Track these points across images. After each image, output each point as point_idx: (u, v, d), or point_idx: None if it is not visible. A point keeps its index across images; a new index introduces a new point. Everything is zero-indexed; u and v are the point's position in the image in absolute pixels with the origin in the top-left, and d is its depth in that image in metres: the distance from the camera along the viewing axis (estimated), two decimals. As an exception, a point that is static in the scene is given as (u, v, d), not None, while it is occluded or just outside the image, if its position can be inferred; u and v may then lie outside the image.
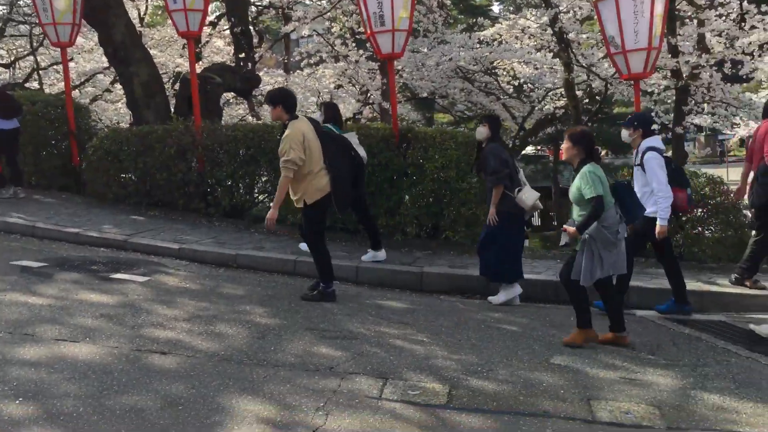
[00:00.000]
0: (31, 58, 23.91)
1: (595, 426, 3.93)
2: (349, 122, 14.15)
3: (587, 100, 17.01)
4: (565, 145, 5.41)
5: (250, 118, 19.86)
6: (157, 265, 7.06)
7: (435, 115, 27.47)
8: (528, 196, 6.28)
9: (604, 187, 5.17)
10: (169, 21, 10.11)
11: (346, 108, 20.97)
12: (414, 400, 4.12)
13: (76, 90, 26.81)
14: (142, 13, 22.41)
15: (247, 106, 20.20)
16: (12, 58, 26.08)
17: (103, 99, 24.22)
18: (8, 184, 9.52)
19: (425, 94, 19.43)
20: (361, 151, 6.99)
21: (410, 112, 26.15)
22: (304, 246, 6.71)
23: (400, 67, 17.42)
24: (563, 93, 15.79)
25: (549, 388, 4.42)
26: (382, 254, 7.40)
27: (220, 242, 7.73)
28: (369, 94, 19.89)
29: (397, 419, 3.86)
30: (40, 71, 23.62)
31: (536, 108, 17.69)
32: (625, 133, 6.44)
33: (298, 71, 21.97)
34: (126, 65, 10.59)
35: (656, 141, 6.36)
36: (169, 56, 19.26)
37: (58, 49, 11.20)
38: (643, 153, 6.17)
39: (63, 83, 10.77)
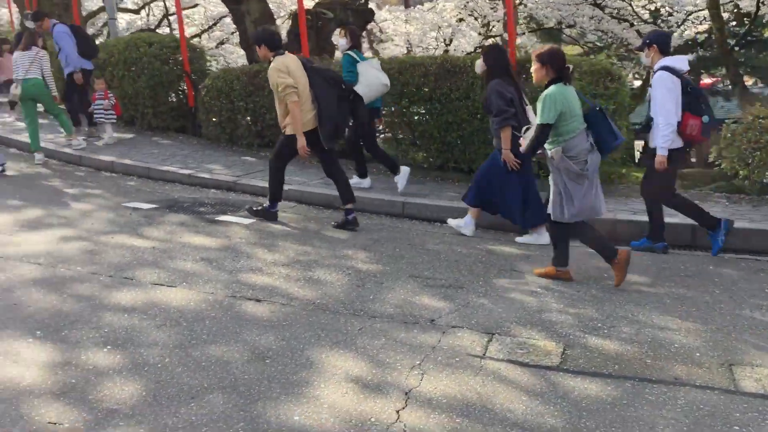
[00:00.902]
0: (161, 3, 24.63)
1: (736, 397, 3.33)
2: (470, 55, 13.44)
3: (734, 23, 15.26)
4: (533, 67, 4.89)
5: (370, 54, 19.51)
6: (264, 207, 6.91)
7: (562, 47, 25.96)
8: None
9: (568, 111, 4.68)
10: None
11: (468, 42, 20.13)
12: (522, 359, 3.67)
13: (205, 33, 27.49)
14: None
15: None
16: (141, 4, 26.98)
17: (230, 42, 24.67)
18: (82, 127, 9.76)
19: (551, 24, 18.19)
20: (384, 78, 6.92)
21: (536, 44, 24.81)
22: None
23: (524, -5, 16.36)
24: (706, 16, 14.21)
25: (681, 350, 3.82)
26: (366, 182, 7.36)
27: (327, 183, 7.46)
28: (491, 27, 18.94)
29: (501, 381, 3.43)
30: (170, 16, 24.28)
31: (675, 34, 16.08)
32: (642, 57, 5.70)
33: (418, 6, 21.30)
34: (238, 3, 10.42)
35: (674, 60, 5.52)
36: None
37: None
38: (654, 73, 5.44)
39: (193, 28, 10.78)
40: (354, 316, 4.21)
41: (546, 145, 4.84)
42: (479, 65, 6.01)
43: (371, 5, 16.81)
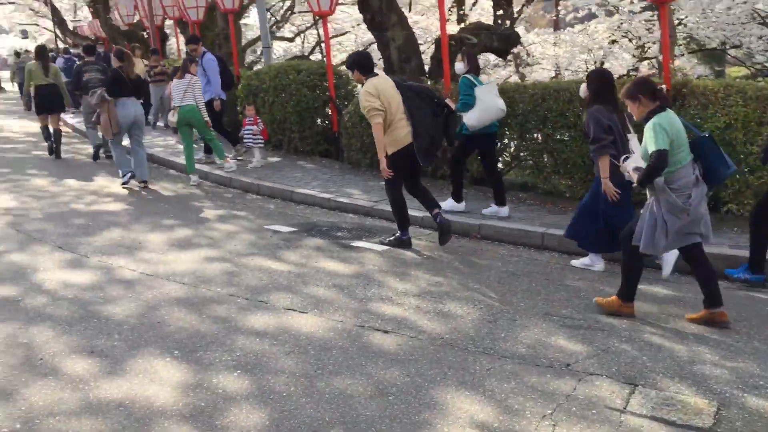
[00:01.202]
0: (315, 32, 25.66)
1: None
2: (622, 79, 12.88)
3: None
4: (629, 106, 4.59)
5: (515, 78, 19.22)
6: (400, 234, 6.87)
7: (727, 69, 24.25)
8: (633, 166, 4.77)
9: (676, 141, 4.35)
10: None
11: (621, 64, 19.31)
12: (669, 417, 3.33)
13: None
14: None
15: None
16: (297, 32, 28.27)
17: (378, 68, 25.29)
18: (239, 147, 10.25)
19: (714, 45, 17.05)
20: (501, 103, 6.87)
21: (696, 66, 23.36)
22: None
23: (684, 16, 15.46)
24: None
25: None
26: (504, 210, 7.13)
27: (465, 211, 7.32)
28: (646, 48, 18.05)
29: (642, 441, 3.12)
30: (322, 44, 25.23)
31: None
32: None
33: (568, 28, 20.74)
34: (383, 30, 10.58)
35: None
36: (432, 21, 19.27)
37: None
38: None
39: (343, 54, 11.10)
40: (483, 354, 4.03)
41: None
42: (583, 90, 5.74)
43: (519, 28, 16.58)
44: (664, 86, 4.59)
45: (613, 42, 18.12)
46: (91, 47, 11.73)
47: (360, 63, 6.26)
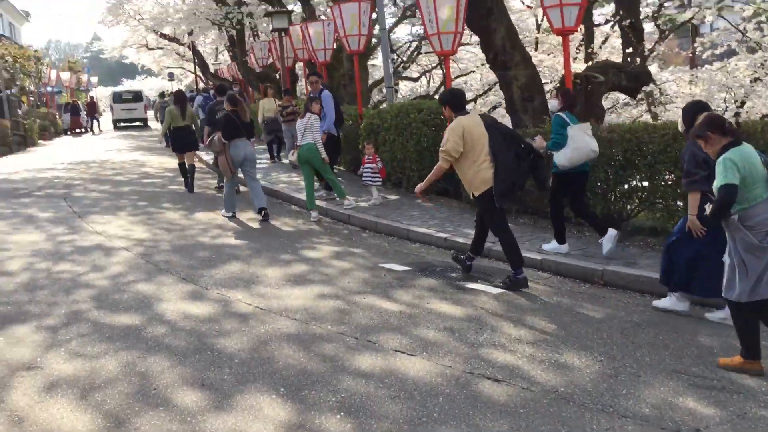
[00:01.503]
0: (440, 71, 25.93)
1: None
2: (765, 119, 12.02)
3: None
4: (703, 146, 4.39)
5: (647, 117, 18.42)
6: (517, 277, 6.63)
7: None
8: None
9: (749, 177, 4.09)
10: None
11: (763, 104, 18.07)
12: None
13: (480, 98, 28.35)
14: (539, 20, 22.54)
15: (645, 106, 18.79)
16: (422, 72, 28.67)
17: (502, 107, 25.13)
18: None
19: None
20: (593, 143, 6.77)
21: None
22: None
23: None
24: None
25: None
26: (564, 247, 7.00)
27: (587, 254, 6.98)
28: (794, 86, 16.80)
29: None
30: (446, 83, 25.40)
31: None
32: None
33: (706, 66, 19.72)
34: (505, 69, 10.44)
35: None
36: (559, 59, 18.90)
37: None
38: None
39: (469, 93, 11.08)
40: (602, 412, 3.74)
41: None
42: (680, 124, 5.44)
43: (651, 66, 15.90)
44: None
45: (756, 80, 17.01)
46: (223, 88, 12.40)
47: (452, 100, 6.36)
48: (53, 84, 36.92)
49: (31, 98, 33.31)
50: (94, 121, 34.63)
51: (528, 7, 23.40)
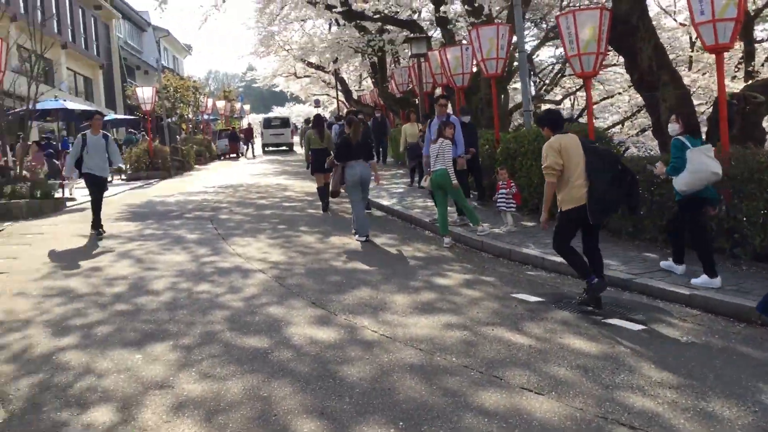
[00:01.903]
0: (584, 93, 25.17)
1: None
2: None
3: None
4: None
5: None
6: (660, 312, 6.14)
7: None
8: None
9: None
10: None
11: None
12: None
13: (627, 121, 27.21)
14: (692, 38, 21.32)
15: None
16: (566, 94, 27.92)
17: (650, 129, 24.00)
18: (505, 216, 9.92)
19: None
20: (714, 166, 6.49)
21: None
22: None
23: None
24: None
25: None
26: (716, 282, 6.53)
27: (743, 291, 6.35)
28: None
29: None
30: (594, 104, 24.70)
31: None
32: None
33: None
34: (652, 90, 9.87)
35: None
36: (715, 79, 17.70)
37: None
38: None
39: (616, 116, 10.64)
40: (755, 473, 3.31)
41: None
42: None
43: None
44: None
45: None
46: (354, 113, 12.78)
47: (551, 120, 6.52)
48: (209, 112, 39.44)
49: (190, 125, 35.75)
50: (250, 146, 36.97)
51: (681, 24, 22.21)
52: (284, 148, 40.08)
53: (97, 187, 10.79)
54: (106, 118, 24.25)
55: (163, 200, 15.29)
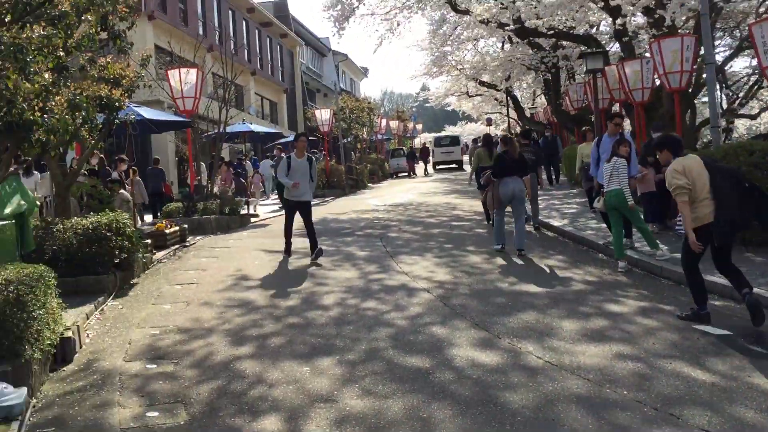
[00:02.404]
0: None
1: None
2: None
3: None
4: None
5: None
6: None
7: None
8: None
9: None
10: None
11: None
12: None
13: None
14: None
15: None
16: (763, 108, 25.72)
17: None
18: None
19: None
20: None
21: None
22: None
23: None
24: None
25: None
26: None
27: None
28: None
29: None
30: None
31: None
32: None
33: None
34: None
35: None
36: None
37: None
38: None
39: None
40: None
41: None
42: None
43: None
44: None
45: None
46: (527, 132, 12.58)
47: (672, 143, 6.61)
48: (383, 132, 40.68)
49: (364, 145, 37.01)
50: (428, 165, 39.64)
51: None
52: (454, 165, 40.93)
53: (305, 213, 10.32)
54: (286, 140, 25.77)
55: (336, 218, 15.89)
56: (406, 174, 37.59)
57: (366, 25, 22.16)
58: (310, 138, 32.75)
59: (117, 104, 8.88)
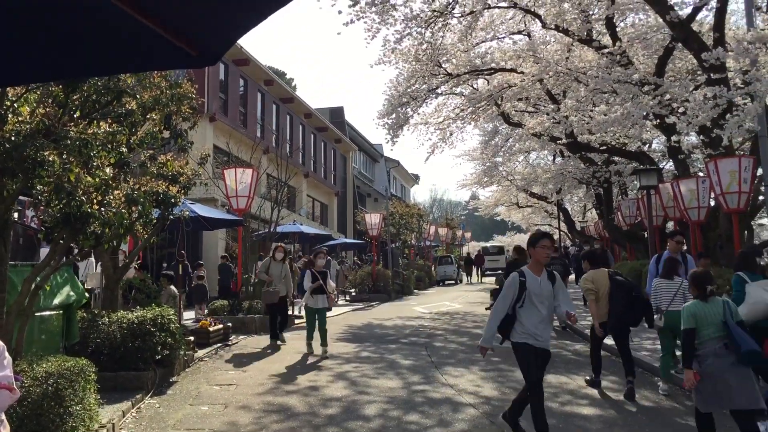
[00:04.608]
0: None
1: None
2: None
3: None
4: None
5: None
6: None
7: None
8: None
9: None
10: None
11: None
12: None
13: None
14: None
15: None
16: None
17: None
18: None
19: None
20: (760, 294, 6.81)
21: None
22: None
23: None
24: None
25: None
26: None
27: None
28: None
29: None
30: None
31: None
32: None
33: None
34: None
35: None
36: None
37: None
38: None
39: None
40: None
41: None
42: None
43: None
44: None
45: None
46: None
47: (590, 258, 9.09)
48: (431, 238, 40.74)
49: (413, 250, 37.03)
50: (477, 271, 41.63)
51: None
52: (500, 272, 41.45)
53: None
54: (336, 241, 25.94)
55: (381, 323, 15.64)
56: (453, 282, 37.35)
57: (419, 133, 22.59)
58: (358, 242, 32.99)
59: (173, 200, 9.05)
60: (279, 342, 12.32)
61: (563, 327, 14.38)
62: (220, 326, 12.26)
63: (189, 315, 15.14)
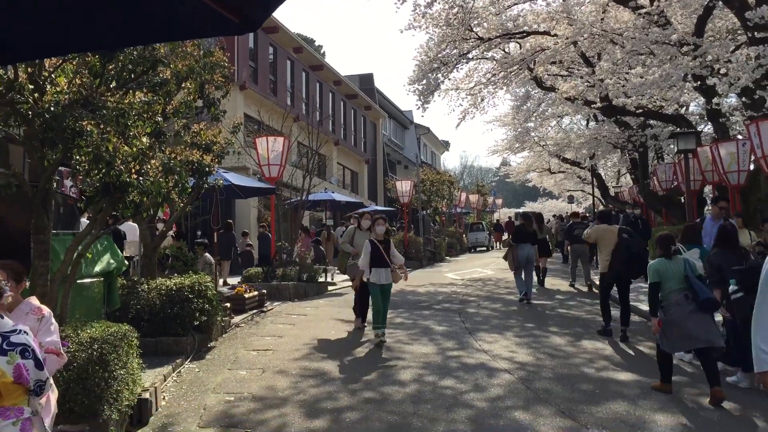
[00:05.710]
0: None
1: None
2: None
3: None
4: None
5: None
6: None
7: None
8: None
9: None
10: None
11: None
12: None
13: None
14: None
15: None
16: None
17: None
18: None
19: None
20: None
21: None
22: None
23: None
24: None
25: None
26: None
27: None
28: None
29: None
30: None
31: None
32: None
33: None
34: None
35: None
36: None
37: None
38: None
39: None
40: None
41: None
42: None
43: None
44: None
45: None
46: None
47: (601, 217, 10.77)
48: (462, 205, 40.58)
49: (443, 218, 36.97)
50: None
51: None
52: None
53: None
54: (367, 209, 25.99)
55: (414, 290, 15.70)
56: (484, 248, 37.28)
57: (450, 99, 22.33)
58: (389, 209, 33.01)
59: (207, 169, 9.12)
60: (365, 325, 10.30)
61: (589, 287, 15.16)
62: (255, 293, 12.41)
63: (234, 281, 15.33)
